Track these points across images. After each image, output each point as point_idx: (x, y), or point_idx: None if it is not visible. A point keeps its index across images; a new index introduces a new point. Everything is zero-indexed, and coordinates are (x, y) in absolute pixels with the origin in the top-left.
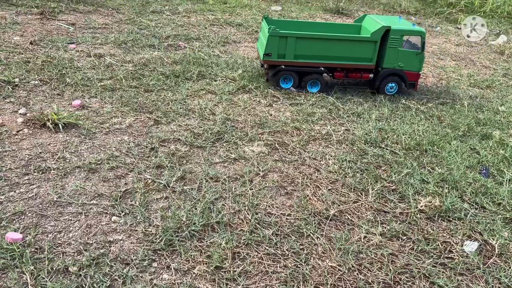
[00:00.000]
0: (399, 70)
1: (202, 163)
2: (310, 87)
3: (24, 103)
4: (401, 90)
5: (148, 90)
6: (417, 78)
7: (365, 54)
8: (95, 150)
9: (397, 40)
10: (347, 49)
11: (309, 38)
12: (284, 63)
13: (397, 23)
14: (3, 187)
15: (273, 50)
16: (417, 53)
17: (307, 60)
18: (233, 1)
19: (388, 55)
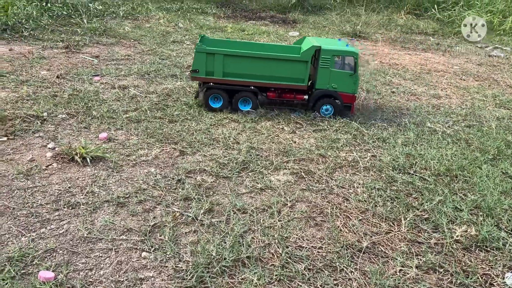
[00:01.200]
0: (333, 91)
1: (228, 194)
2: (241, 106)
3: (52, 137)
4: (340, 112)
5: (173, 120)
6: (353, 101)
7: (297, 74)
8: (122, 183)
9: (328, 60)
10: (278, 68)
11: (237, 56)
12: (212, 81)
13: (332, 44)
14: (34, 224)
15: (200, 66)
16: (351, 74)
17: (237, 79)
18: (250, 29)
19: (320, 75)
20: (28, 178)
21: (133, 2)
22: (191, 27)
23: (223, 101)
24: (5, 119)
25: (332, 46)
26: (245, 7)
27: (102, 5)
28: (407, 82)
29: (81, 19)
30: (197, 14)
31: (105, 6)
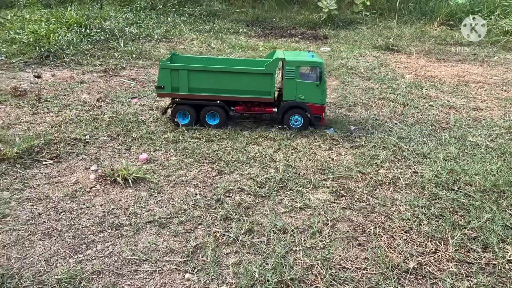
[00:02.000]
0: (301, 102)
1: (268, 213)
2: (209, 120)
3: (95, 160)
4: (311, 123)
5: (209, 140)
6: (322, 111)
7: (262, 87)
8: (163, 204)
9: (293, 71)
10: (243, 82)
11: (202, 71)
12: (178, 96)
13: (298, 56)
14: (81, 245)
15: (165, 83)
16: (317, 85)
17: (203, 93)
18: (282, 46)
19: (287, 87)
20: (74, 200)
21: (167, 24)
22: (223, 47)
23: (190, 116)
24: (50, 143)
25: (297, 57)
26: (275, 24)
27: (138, 29)
28: (445, 95)
29: (118, 43)
30: (229, 33)
31: (140, 29)
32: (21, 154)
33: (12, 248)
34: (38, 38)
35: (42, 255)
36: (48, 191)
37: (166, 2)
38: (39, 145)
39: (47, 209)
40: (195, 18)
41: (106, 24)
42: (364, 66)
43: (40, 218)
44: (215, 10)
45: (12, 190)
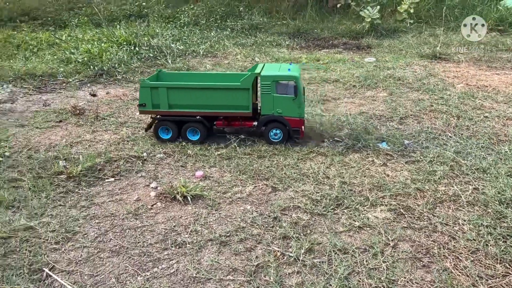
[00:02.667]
0: (279, 116)
1: (326, 232)
2: (190, 136)
3: (153, 177)
4: (289, 137)
5: (261, 156)
6: (301, 125)
7: (240, 102)
8: (222, 221)
9: (269, 86)
10: (221, 97)
11: (180, 88)
12: (159, 113)
13: (276, 70)
14: (147, 263)
15: (146, 100)
16: (293, 99)
17: (183, 110)
18: (325, 57)
19: (264, 101)
20: (137, 217)
21: (210, 39)
22: (267, 61)
23: (172, 132)
24: (111, 161)
25: (272, 72)
26: (317, 35)
27: (183, 45)
28: (500, 105)
29: (166, 59)
30: (271, 46)
31: (186, 45)
32: (85, 172)
33: (84, 265)
34: (92, 57)
35: (112, 272)
36: (112, 209)
37: (208, 17)
38: (101, 163)
39: (113, 226)
40: (237, 32)
41: (154, 41)
42: (412, 76)
43: (107, 235)
44: (256, 24)
45: (80, 207)
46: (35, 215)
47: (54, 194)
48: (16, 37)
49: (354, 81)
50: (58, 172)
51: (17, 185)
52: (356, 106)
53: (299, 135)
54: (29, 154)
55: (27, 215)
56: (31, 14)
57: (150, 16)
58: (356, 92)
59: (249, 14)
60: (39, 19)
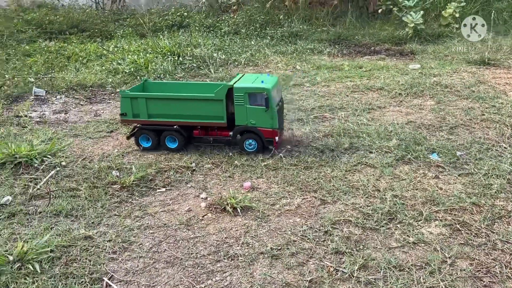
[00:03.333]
0: (252, 127)
1: (380, 248)
2: (169, 144)
3: (203, 187)
4: (264, 147)
5: (308, 167)
6: (274, 135)
7: (215, 112)
8: (272, 234)
9: (241, 97)
10: (196, 108)
11: (158, 99)
12: (139, 122)
13: (252, 81)
14: (201, 275)
15: (127, 110)
16: (265, 110)
17: (161, 119)
18: (368, 65)
19: (237, 112)
20: (189, 228)
21: (251, 48)
22: (308, 68)
23: (152, 141)
24: (161, 171)
25: (246, 83)
26: (358, 42)
27: (225, 54)
28: None
29: (209, 69)
30: (312, 54)
31: (227, 55)
32: (137, 182)
33: (140, 275)
34: (138, 67)
35: (168, 284)
36: (165, 219)
37: (248, 26)
38: (152, 173)
39: (166, 236)
40: (277, 40)
41: (197, 51)
42: (460, 83)
43: (161, 245)
44: (296, 31)
45: (134, 217)
46: (92, 224)
47: (109, 204)
48: (67, 49)
49: (399, 88)
50: (112, 182)
51: (74, 194)
52: (403, 115)
53: (273, 146)
54: (83, 164)
55: (85, 224)
56: (80, 26)
57: (192, 26)
58: (402, 101)
59: (288, 21)
60: (87, 31)
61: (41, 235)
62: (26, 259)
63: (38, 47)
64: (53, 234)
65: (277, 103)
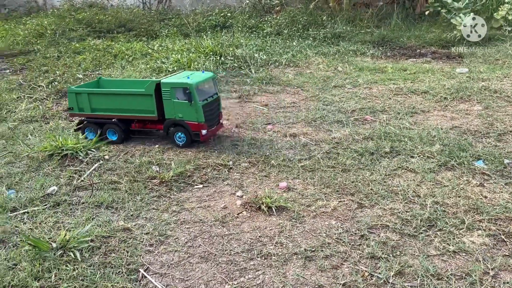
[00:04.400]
0: (180, 120)
1: (417, 255)
2: (111, 136)
3: (239, 185)
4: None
5: (346, 169)
6: (200, 128)
7: (146, 106)
8: (307, 235)
9: (168, 92)
10: (131, 102)
11: (97, 94)
12: (84, 116)
13: (179, 77)
14: (234, 272)
15: (73, 104)
16: (190, 104)
17: (102, 113)
18: (413, 68)
19: (166, 106)
20: (224, 225)
21: (292, 49)
22: (350, 70)
23: (95, 132)
24: (199, 168)
25: (172, 79)
26: (403, 44)
27: (266, 55)
28: None
29: (249, 69)
30: (354, 56)
31: (269, 55)
32: (176, 177)
33: (175, 269)
34: (181, 66)
35: (201, 279)
36: (201, 215)
37: (291, 27)
38: (190, 170)
39: (202, 232)
40: (319, 41)
41: (238, 52)
42: (510, 88)
43: (196, 241)
44: (339, 32)
45: (171, 212)
46: (131, 217)
47: (148, 198)
48: (114, 47)
49: (445, 93)
50: (151, 177)
51: (115, 187)
52: (448, 120)
53: (199, 138)
54: (125, 158)
55: (124, 217)
56: (127, 26)
57: (235, 27)
58: (447, 105)
59: (331, 23)
60: (133, 30)
61: (83, 224)
62: (68, 247)
63: (87, 45)
64: (94, 225)
65: (205, 98)
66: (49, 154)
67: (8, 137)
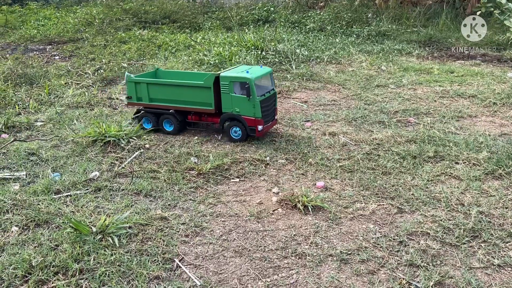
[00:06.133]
0: (237, 115)
1: (459, 266)
2: (167, 127)
3: (275, 182)
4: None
5: (386, 172)
6: (256, 124)
7: (205, 99)
8: (343, 237)
9: (227, 86)
10: (189, 94)
11: (156, 84)
12: (142, 105)
13: (238, 71)
14: (268, 269)
15: (132, 93)
16: (248, 99)
17: (160, 103)
18: (460, 70)
19: (224, 100)
20: (259, 220)
21: (335, 46)
22: (394, 70)
23: (152, 122)
24: (236, 162)
25: (231, 73)
26: (451, 45)
27: (308, 51)
28: None
29: (290, 65)
30: (399, 55)
31: (310, 51)
32: (214, 170)
33: (209, 261)
34: (222, 60)
35: (235, 273)
36: (236, 209)
37: (334, 23)
38: (228, 163)
39: (237, 226)
40: (363, 39)
41: (280, 47)
42: None
43: (231, 235)
44: (384, 31)
45: (207, 204)
46: (169, 206)
47: (185, 188)
48: (158, 38)
49: (494, 97)
50: (189, 168)
51: (155, 176)
52: (497, 127)
53: (255, 134)
54: (165, 148)
55: (162, 206)
56: (171, 17)
57: (277, 21)
58: (496, 111)
59: (377, 20)
60: (177, 22)
61: (122, 211)
62: (107, 232)
63: (133, 35)
64: (132, 212)
65: (263, 94)
66: (92, 140)
67: (56, 121)
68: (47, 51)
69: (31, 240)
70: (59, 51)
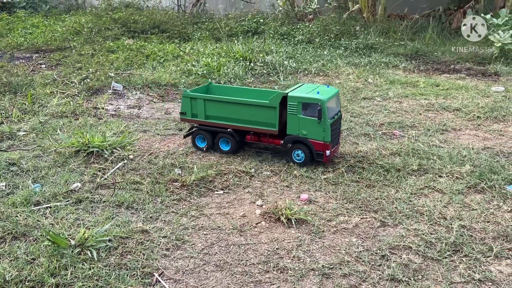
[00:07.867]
0: (303, 138)
1: (440, 281)
2: (223, 146)
3: (259, 194)
4: (312, 159)
5: (370, 185)
6: (324, 148)
7: (268, 119)
8: (326, 251)
9: (295, 107)
10: (251, 113)
11: (215, 101)
12: (197, 122)
13: (307, 91)
14: (249, 284)
15: (187, 109)
16: (318, 122)
17: (217, 121)
18: (445, 83)
19: (290, 121)
20: (242, 234)
21: (323, 58)
22: (381, 83)
23: (207, 141)
24: (221, 173)
25: (300, 93)
26: (437, 59)
27: (296, 63)
28: None
29: (278, 76)
30: (386, 68)
31: (298, 63)
32: (198, 182)
33: (189, 275)
34: (210, 70)
35: None
36: (219, 222)
37: (323, 35)
38: (212, 175)
39: (219, 240)
40: (351, 52)
41: (268, 58)
42: None
43: (213, 248)
44: (372, 43)
45: (190, 216)
46: (150, 219)
47: (168, 200)
48: (146, 47)
49: (478, 111)
50: (173, 179)
51: (137, 188)
52: (480, 140)
53: (322, 159)
54: (149, 159)
55: (143, 218)
56: (161, 27)
57: (266, 33)
58: (480, 124)
59: (364, 33)
60: (167, 32)
61: (102, 223)
62: (86, 245)
63: (121, 45)
64: (113, 224)
65: (333, 116)
66: (75, 150)
67: (39, 131)
68: (33, 59)
69: (7, 254)
70: (46, 59)
